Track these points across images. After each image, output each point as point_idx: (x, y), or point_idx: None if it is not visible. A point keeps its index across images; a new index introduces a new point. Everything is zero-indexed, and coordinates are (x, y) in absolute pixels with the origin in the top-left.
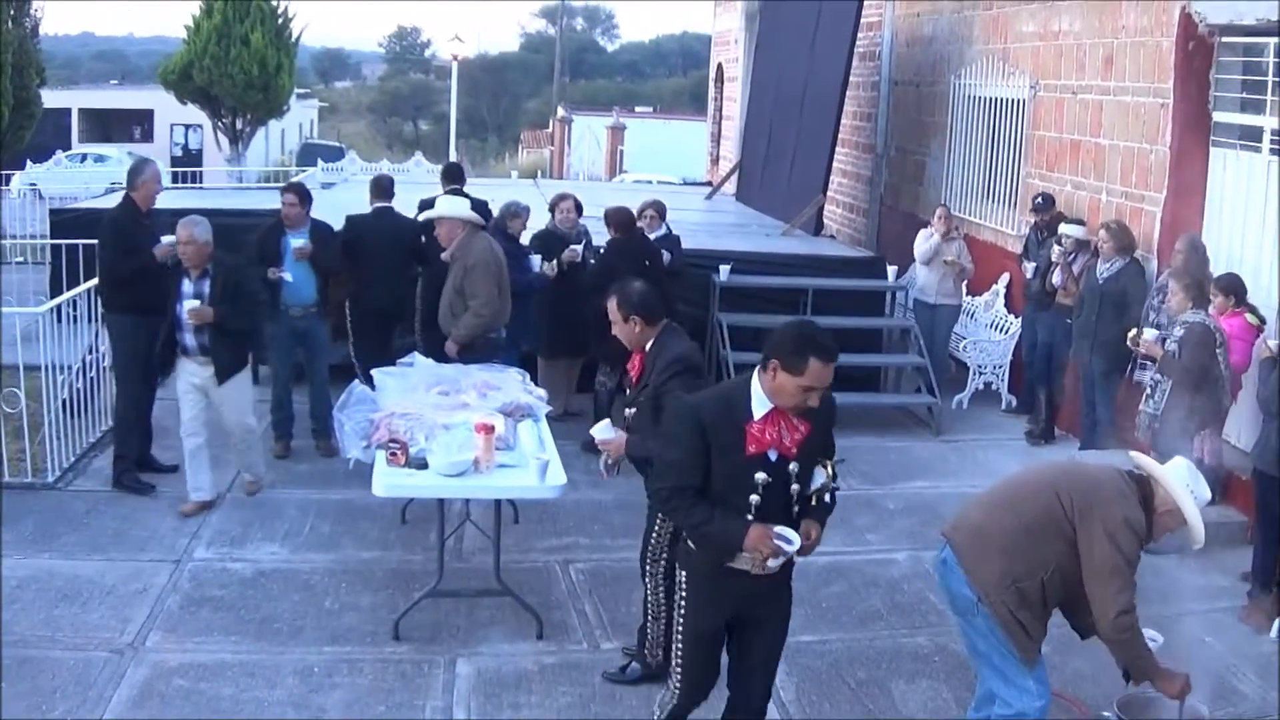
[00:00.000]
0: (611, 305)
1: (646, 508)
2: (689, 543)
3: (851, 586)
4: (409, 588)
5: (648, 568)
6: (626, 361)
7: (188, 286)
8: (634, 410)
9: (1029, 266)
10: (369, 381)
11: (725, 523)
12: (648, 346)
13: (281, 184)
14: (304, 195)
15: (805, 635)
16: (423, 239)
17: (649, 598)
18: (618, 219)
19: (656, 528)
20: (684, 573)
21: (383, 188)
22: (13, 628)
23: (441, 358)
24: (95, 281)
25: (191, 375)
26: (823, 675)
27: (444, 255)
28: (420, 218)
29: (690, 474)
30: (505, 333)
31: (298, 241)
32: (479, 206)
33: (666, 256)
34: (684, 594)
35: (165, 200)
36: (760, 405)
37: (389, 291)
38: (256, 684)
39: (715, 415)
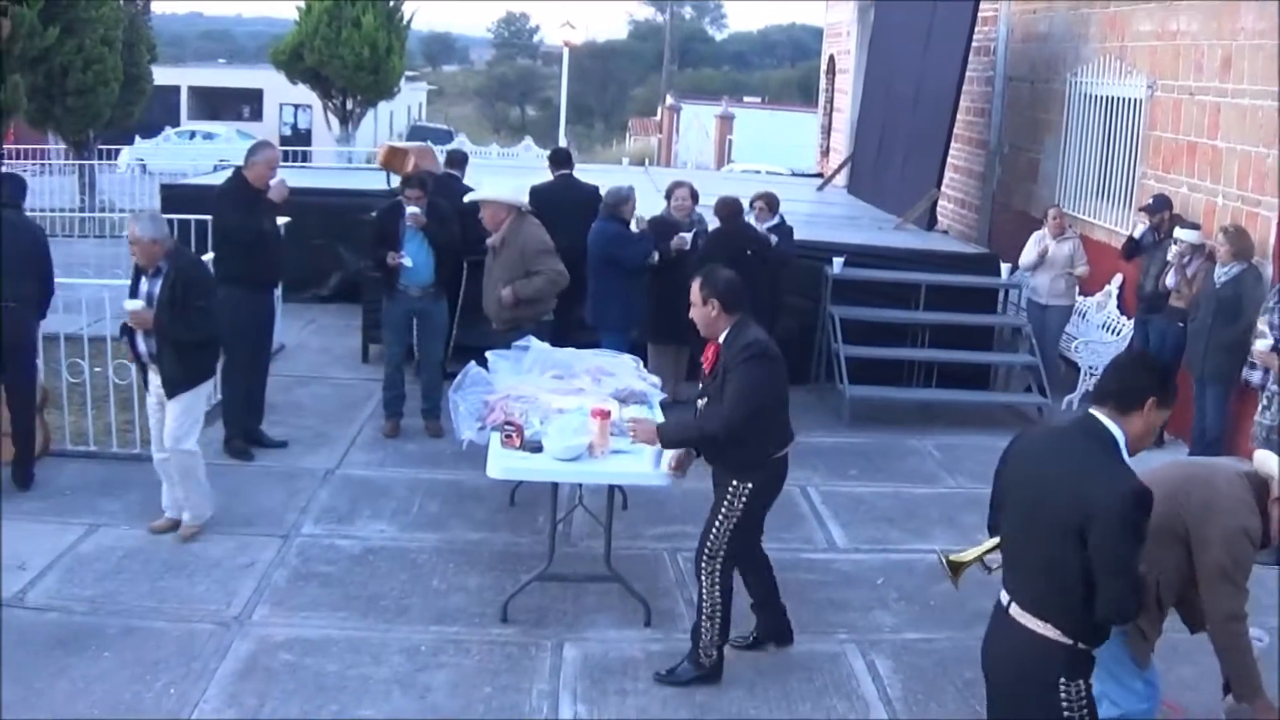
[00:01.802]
0: (694, 286)
1: (715, 502)
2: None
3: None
4: (516, 570)
5: (704, 566)
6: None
7: (144, 285)
8: (705, 400)
9: (1141, 228)
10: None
11: None
12: (722, 337)
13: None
14: (427, 188)
15: (912, 633)
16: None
17: (704, 597)
18: (724, 208)
19: (717, 524)
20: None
21: (456, 160)
22: (118, 598)
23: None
24: (208, 256)
25: (155, 385)
26: (929, 674)
27: (489, 241)
28: (466, 199)
29: None
30: (553, 316)
31: (412, 209)
32: (590, 192)
33: (773, 238)
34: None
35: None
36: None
37: None
38: (362, 661)
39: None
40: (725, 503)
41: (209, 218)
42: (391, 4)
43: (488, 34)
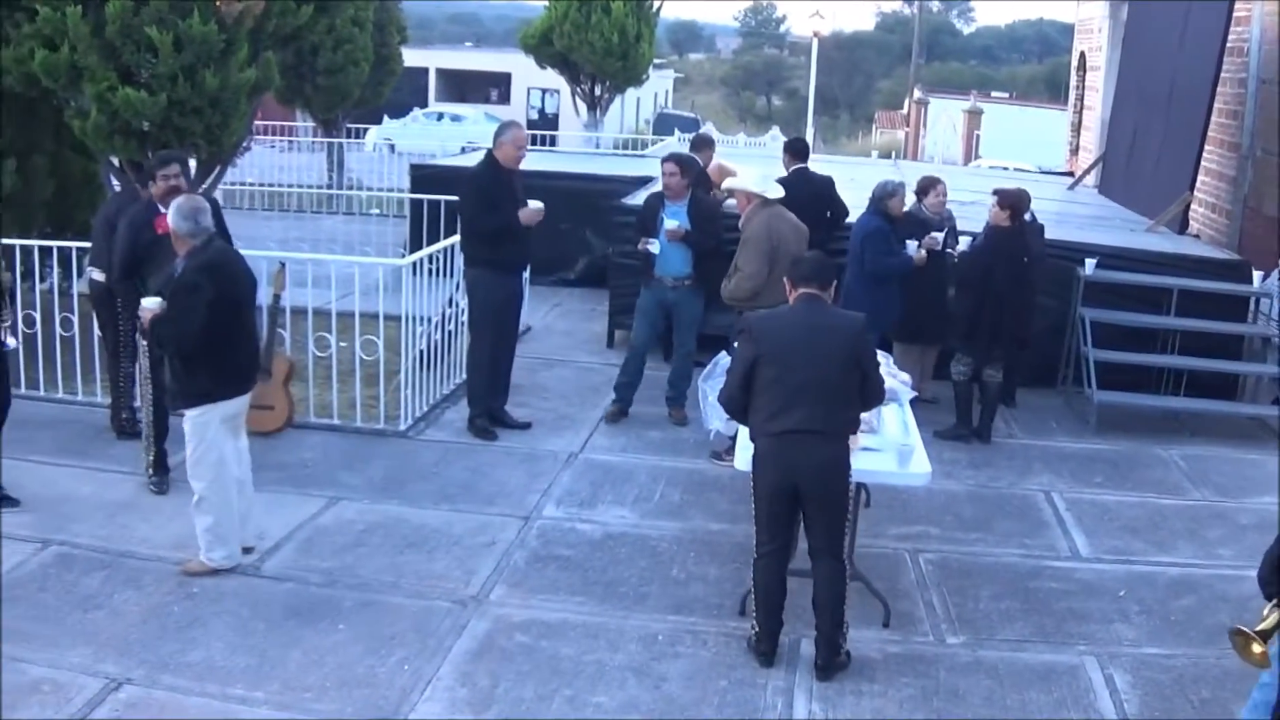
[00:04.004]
0: None
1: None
2: None
3: (1201, 601)
4: None
5: None
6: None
7: None
8: None
9: None
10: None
11: None
12: None
13: (637, 151)
14: (685, 165)
15: (1151, 648)
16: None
17: None
18: (1011, 200)
19: None
20: None
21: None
22: (356, 571)
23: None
24: (457, 237)
25: None
26: (1167, 690)
27: (740, 224)
28: (724, 185)
29: None
30: None
31: (671, 223)
32: (823, 184)
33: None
34: None
35: (523, 162)
36: None
37: None
38: (598, 646)
39: None
40: None
41: (456, 198)
42: None
43: (734, 23)
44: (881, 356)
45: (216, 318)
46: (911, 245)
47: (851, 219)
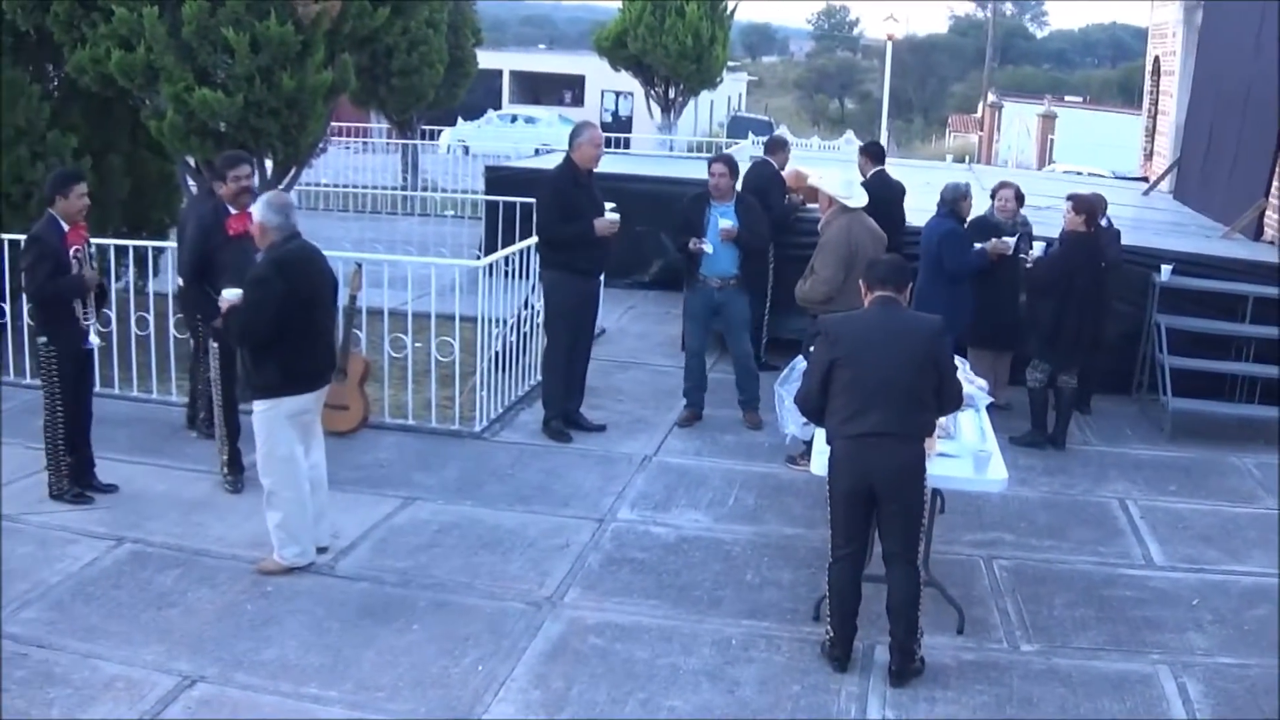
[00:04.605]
0: None
1: None
2: None
3: (1274, 611)
4: None
5: None
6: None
7: None
8: None
9: None
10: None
11: None
12: None
13: (711, 154)
14: (734, 167)
15: (1225, 657)
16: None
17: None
18: (1086, 206)
19: None
20: None
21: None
22: (430, 571)
23: None
24: (533, 240)
25: None
26: (1239, 701)
27: (820, 226)
28: (809, 183)
29: None
30: None
31: (725, 223)
32: (896, 189)
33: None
34: None
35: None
36: None
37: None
38: (672, 650)
39: None
40: None
41: (532, 200)
42: None
43: (807, 26)
44: (959, 362)
45: (287, 313)
46: (979, 246)
47: (916, 222)
